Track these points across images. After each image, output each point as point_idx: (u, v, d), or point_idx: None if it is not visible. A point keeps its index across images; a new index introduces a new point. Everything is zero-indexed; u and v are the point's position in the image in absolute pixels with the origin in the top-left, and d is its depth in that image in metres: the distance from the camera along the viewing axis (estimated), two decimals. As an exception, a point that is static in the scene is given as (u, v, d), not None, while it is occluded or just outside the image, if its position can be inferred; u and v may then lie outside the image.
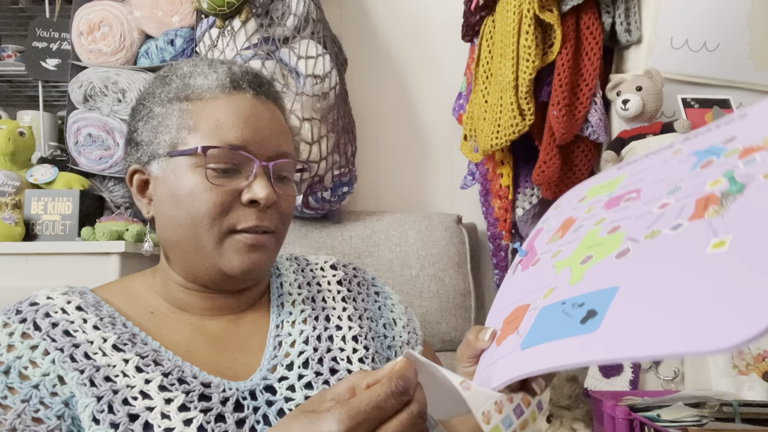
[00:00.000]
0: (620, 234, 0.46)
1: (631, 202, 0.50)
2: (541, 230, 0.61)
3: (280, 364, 0.66)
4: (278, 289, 0.75)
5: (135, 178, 0.69)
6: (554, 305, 0.45)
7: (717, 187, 0.42)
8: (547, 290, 0.47)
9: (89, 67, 1.46)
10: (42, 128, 1.63)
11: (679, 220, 0.42)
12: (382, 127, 1.77)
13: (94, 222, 1.34)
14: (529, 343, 0.44)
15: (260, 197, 0.63)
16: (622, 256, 0.43)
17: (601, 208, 0.53)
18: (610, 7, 1.31)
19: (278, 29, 1.36)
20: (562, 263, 0.50)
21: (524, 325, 0.47)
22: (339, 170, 1.46)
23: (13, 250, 1.27)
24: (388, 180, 1.76)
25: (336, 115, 1.43)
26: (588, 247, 0.48)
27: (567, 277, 0.46)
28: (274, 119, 0.68)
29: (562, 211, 0.61)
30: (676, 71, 1.29)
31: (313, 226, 1.52)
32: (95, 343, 0.60)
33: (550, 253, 0.53)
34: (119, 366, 0.59)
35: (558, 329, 0.41)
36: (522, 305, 0.50)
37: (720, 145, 0.48)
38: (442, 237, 1.49)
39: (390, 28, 1.77)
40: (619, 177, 0.57)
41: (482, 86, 1.39)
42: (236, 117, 0.65)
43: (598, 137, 1.30)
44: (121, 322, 0.64)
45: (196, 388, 0.59)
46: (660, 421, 0.81)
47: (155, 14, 1.47)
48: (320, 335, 0.70)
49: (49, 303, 0.63)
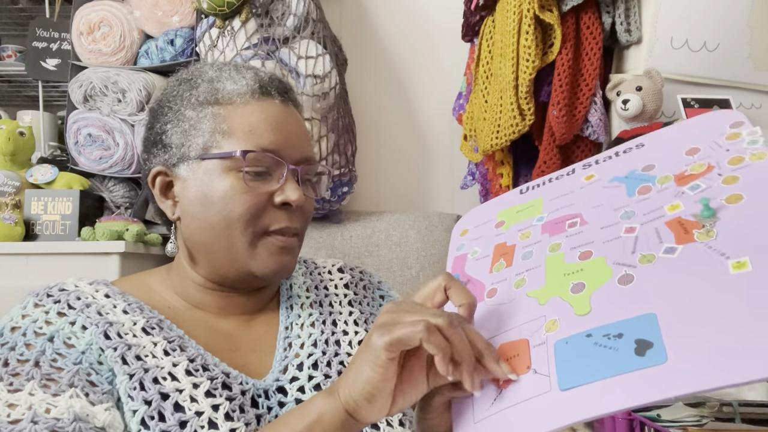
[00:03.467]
0: (600, 259, 0.48)
1: (582, 227, 0.52)
2: (465, 257, 0.60)
3: (291, 364, 0.68)
4: (288, 291, 0.77)
5: (158, 180, 0.69)
6: (576, 338, 0.44)
7: (679, 211, 0.47)
8: (548, 322, 0.46)
9: (89, 67, 1.46)
10: (42, 128, 1.63)
11: (667, 244, 0.45)
12: (382, 127, 1.77)
13: (94, 222, 1.35)
14: (571, 382, 0.42)
15: (293, 199, 0.65)
16: (627, 282, 0.44)
17: (540, 233, 0.55)
18: (610, 7, 1.31)
19: (278, 29, 1.36)
20: (541, 293, 0.49)
21: (540, 362, 0.45)
22: (339, 170, 1.46)
23: (13, 250, 1.27)
24: (388, 180, 1.76)
25: (336, 115, 1.43)
26: (565, 275, 0.49)
27: (566, 308, 0.46)
28: (299, 124, 0.71)
29: (480, 237, 0.61)
30: (676, 71, 1.29)
31: (313, 226, 1.52)
32: (126, 325, 0.62)
33: (509, 282, 0.53)
34: (149, 347, 0.61)
35: (606, 363, 0.41)
36: (514, 341, 0.48)
37: (641, 171, 0.53)
38: (442, 237, 1.49)
39: (390, 28, 1.76)
40: (535, 200, 0.60)
41: (482, 86, 1.39)
42: (268, 122, 0.67)
43: (598, 137, 1.30)
44: (147, 309, 0.66)
45: (219, 376, 0.61)
46: (660, 421, 0.81)
47: (155, 14, 1.47)
48: (328, 339, 0.72)
49: (78, 289, 0.64)
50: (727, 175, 0.47)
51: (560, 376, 0.43)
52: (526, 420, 0.43)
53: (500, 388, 0.46)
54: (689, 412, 0.82)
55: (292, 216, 0.67)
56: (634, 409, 0.41)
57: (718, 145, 0.51)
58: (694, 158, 0.51)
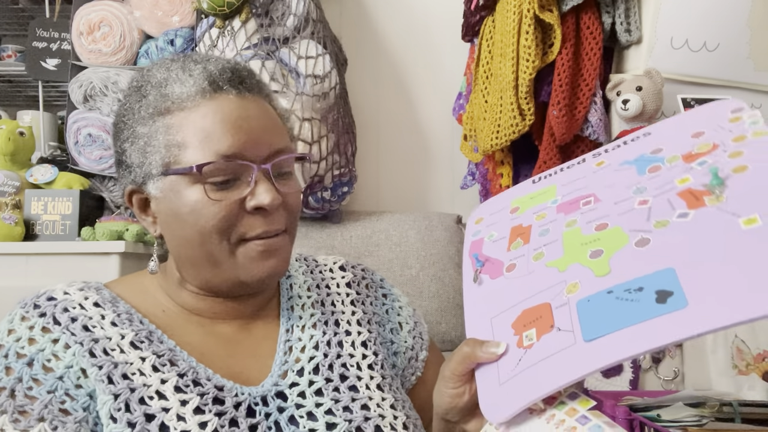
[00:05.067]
0: (616, 228, 0.50)
1: (597, 204, 0.54)
2: (481, 241, 0.61)
3: (291, 369, 0.66)
4: (288, 291, 0.74)
5: (134, 198, 0.67)
6: (597, 296, 0.45)
7: (689, 183, 0.49)
8: (569, 285, 0.48)
9: (89, 67, 1.46)
10: (42, 128, 1.63)
11: (680, 210, 0.47)
12: (382, 127, 1.77)
13: (94, 222, 1.34)
14: (595, 333, 0.44)
15: (265, 203, 0.61)
16: (644, 244, 0.47)
17: (555, 213, 0.57)
18: (610, 7, 1.31)
19: (278, 29, 1.36)
20: (560, 262, 0.51)
21: (562, 320, 0.46)
22: (339, 170, 1.46)
23: (13, 250, 1.27)
24: (388, 180, 1.76)
25: (336, 115, 1.43)
26: (583, 244, 0.50)
27: (586, 271, 0.48)
28: (263, 116, 0.65)
29: (495, 223, 0.63)
30: (676, 71, 1.29)
31: (313, 226, 1.52)
32: (113, 340, 0.60)
33: (527, 257, 0.55)
34: (136, 364, 0.59)
35: (628, 314, 0.43)
36: (536, 305, 0.50)
37: (650, 154, 0.55)
38: (442, 237, 1.49)
39: (390, 28, 1.76)
40: (549, 187, 0.61)
41: (482, 86, 1.39)
42: (224, 123, 0.61)
43: (598, 137, 1.30)
44: (137, 319, 0.63)
45: (210, 391, 0.59)
46: (660, 421, 0.81)
47: (155, 14, 1.47)
48: (330, 341, 0.70)
49: (66, 298, 0.62)
50: (732, 151, 0.50)
51: (584, 329, 0.44)
52: (553, 372, 0.45)
53: (524, 349, 0.48)
54: (689, 412, 0.82)
55: (270, 219, 0.63)
56: (659, 349, 0.44)
57: (722, 127, 0.53)
58: (700, 140, 0.53)
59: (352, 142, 1.53)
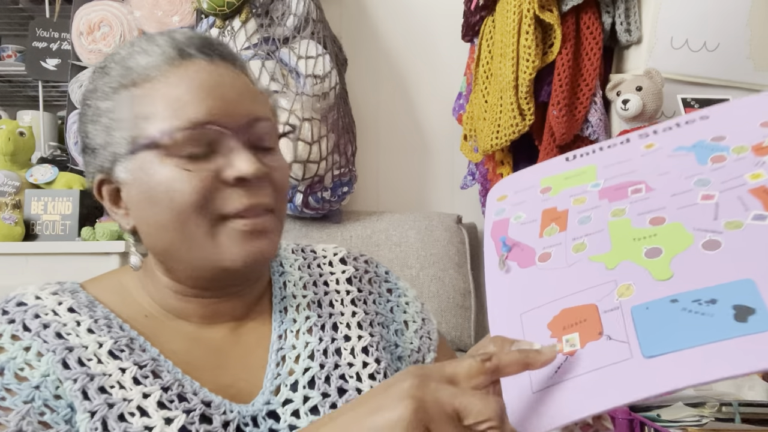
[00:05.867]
0: (676, 225, 0.44)
1: (649, 193, 0.48)
2: (507, 221, 0.55)
3: (284, 383, 0.60)
4: (281, 290, 0.68)
5: (103, 190, 0.60)
6: (658, 303, 0.40)
7: (763, 180, 0.43)
8: (620, 287, 0.43)
9: (89, 67, 1.46)
10: (42, 128, 1.63)
11: (755, 211, 0.42)
12: (382, 128, 1.77)
13: (94, 222, 1.34)
14: (658, 349, 0.38)
15: (246, 171, 0.54)
16: (713, 248, 0.41)
17: (598, 199, 0.50)
18: (610, 7, 1.31)
19: (278, 29, 1.36)
20: (608, 257, 0.45)
21: (614, 327, 0.41)
22: (339, 170, 1.46)
23: (13, 250, 1.27)
24: (388, 180, 1.76)
25: (336, 115, 1.43)
26: (636, 240, 0.45)
27: (642, 272, 0.43)
28: (237, 82, 0.59)
29: (522, 202, 0.56)
30: (676, 71, 1.30)
31: (313, 226, 1.52)
32: (90, 348, 0.54)
33: (565, 246, 0.48)
34: (115, 375, 0.53)
35: (700, 330, 0.37)
36: (579, 306, 0.44)
37: (710, 141, 0.49)
38: (442, 237, 1.49)
39: (390, 28, 1.76)
40: (587, 167, 0.55)
41: (482, 86, 1.39)
42: (193, 89, 0.55)
43: (598, 137, 1.30)
44: (117, 325, 0.57)
45: (197, 407, 0.54)
46: (660, 421, 0.81)
47: (155, 14, 1.47)
48: (327, 348, 0.64)
49: (38, 303, 0.57)
50: None
51: (643, 343, 0.39)
52: (607, 388, 0.39)
53: (564, 355, 0.42)
54: (689, 412, 0.82)
55: (253, 192, 0.56)
56: (737, 376, 0.37)
57: None
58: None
59: (352, 142, 1.53)
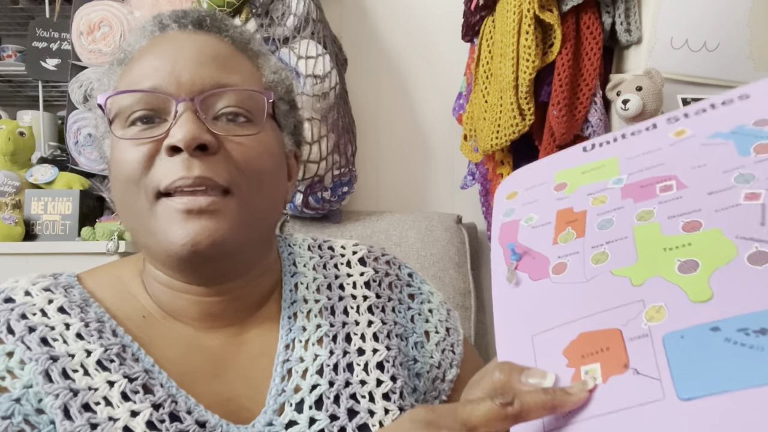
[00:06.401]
0: (715, 231, 0.37)
1: (681, 191, 0.41)
2: (516, 224, 0.48)
3: (288, 402, 0.55)
4: (292, 293, 0.62)
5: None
6: (696, 331, 0.34)
7: None
8: (649, 309, 0.36)
9: (89, 67, 1.46)
10: (42, 128, 1.63)
11: None
12: (382, 128, 1.77)
13: (94, 222, 1.35)
14: (695, 390, 0.32)
15: (178, 138, 0.49)
16: (761, 261, 0.35)
17: (621, 198, 0.43)
18: (610, 7, 1.31)
19: (278, 29, 1.36)
20: (634, 271, 0.38)
21: (642, 359, 0.35)
22: (339, 170, 1.46)
23: (13, 250, 1.27)
24: (388, 180, 1.76)
25: (336, 115, 1.43)
26: (667, 250, 0.38)
27: (675, 291, 0.36)
28: (205, 48, 0.54)
29: (534, 201, 0.49)
30: (676, 71, 1.29)
31: (313, 226, 1.52)
32: (77, 357, 0.49)
33: (583, 256, 0.42)
34: (102, 390, 0.48)
35: (747, 368, 0.31)
36: (600, 330, 0.37)
37: (752, 126, 0.42)
38: (442, 237, 1.49)
39: (390, 28, 1.76)
40: (608, 160, 0.48)
41: (482, 86, 1.39)
42: (152, 57, 0.53)
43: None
44: (110, 329, 0.52)
45: (191, 428, 0.49)
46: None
47: (155, 14, 1.47)
48: (338, 363, 0.57)
49: (27, 301, 0.52)
50: None
51: (678, 381, 0.33)
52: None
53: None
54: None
55: (188, 163, 0.49)
56: None
57: None
58: None
59: (352, 142, 1.53)
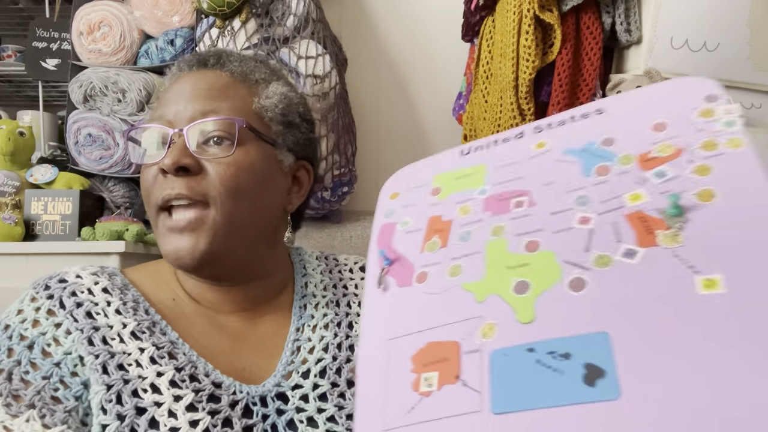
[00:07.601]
0: (548, 254, 0.40)
1: (529, 209, 0.44)
2: (393, 228, 0.51)
3: (296, 371, 0.64)
4: (302, 288, 0.72)
5: None
6: (516, 351, 0.36)
7: (642, 203, 0.39)
8: (484, 326, 0.39)
9: (89, 67, 1.46)
10: (42, 128, 1.63)
11: (627, 245, 0.38)
12: (382, 127, 1.76)
13: (94, 222, 1.34)
14: (506, 406, 0.35)
15: (165, 163, 0.60)
16: (579, 288, 0.37)
17: (482, 210, 0.46)
18: (610, 7, 1.31)
19: (278, 29, 1.36)
20: (479, 287, 0.41)
21: (471, 373, 0.37)
22: (339, 170, 1.46)
23: (13, 250, 1.27)
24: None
25: (336, 115, 1.43)
26: (508, 268, 0.41)
27: (507, 311, 0.39)
28: (201, 83, 0.64)
29: (412, 204, 0.52)
30: (676, 71, 1.29)
31: (313, 226, 1.52)
32: (114, 328, 0.59)
33: (442, 267, 0.44)
34: (134, 354, 0.58)
35: (548, 389, 0.34)
36: (444, 341, 0.40)
37: (599, 146, 0.45)
38: (442, 237, 1.49)
39: (390, 28, 1.76)
40: (478, 167, 0.50)
41: (482, 86, 1.39)
42: (167, 97, 0.65)
43: (598, 137, 1.30)
44: (143, 309, 0.62)
45: (207, 387, 0.58)
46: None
47: (155, 14, 1.47)
48: (341, 343, 0.67)
49: (77, 282, 0.63)
50: (699, 164, 0.39)
51: (494, 397, 0.36)
52: None
53: (420, 395, 0.39)
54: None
55: (169, 182, 0.60)
56: None
57: (690, 121, 0.42)
58: (661, 136, 0.43)
59: (352, 142, 1.53)
